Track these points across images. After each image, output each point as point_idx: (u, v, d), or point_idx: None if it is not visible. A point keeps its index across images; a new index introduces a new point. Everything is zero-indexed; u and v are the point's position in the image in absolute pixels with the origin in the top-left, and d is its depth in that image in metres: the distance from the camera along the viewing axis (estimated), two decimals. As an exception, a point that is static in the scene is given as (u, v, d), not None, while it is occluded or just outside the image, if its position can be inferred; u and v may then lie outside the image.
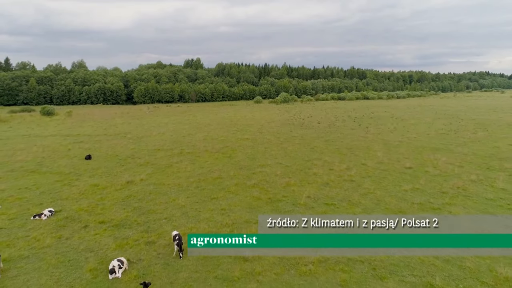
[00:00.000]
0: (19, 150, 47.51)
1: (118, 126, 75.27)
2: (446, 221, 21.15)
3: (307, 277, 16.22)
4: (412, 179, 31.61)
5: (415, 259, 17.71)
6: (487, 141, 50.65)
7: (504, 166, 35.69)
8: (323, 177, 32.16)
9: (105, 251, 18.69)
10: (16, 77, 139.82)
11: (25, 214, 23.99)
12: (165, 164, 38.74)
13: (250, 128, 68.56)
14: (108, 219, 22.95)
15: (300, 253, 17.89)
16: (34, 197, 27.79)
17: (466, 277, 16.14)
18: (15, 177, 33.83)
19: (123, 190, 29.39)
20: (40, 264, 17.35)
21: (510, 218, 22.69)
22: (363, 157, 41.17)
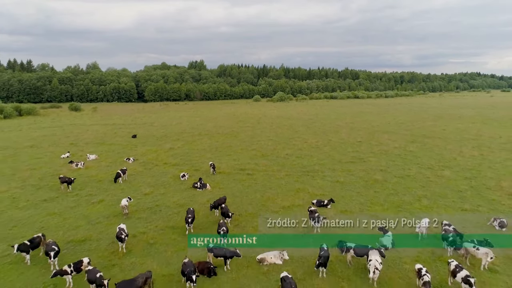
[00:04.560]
0: (77, 133, 63.78)
1: (142, 118, 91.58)
2: (362, 165, 37.85)
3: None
4: (357, 147, 48.09)
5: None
6: (431, 128, 67.09)
7: (424, 141, 52.22)
8: (298, 145, 48.75)
9: (174, 173, 34.99)
10: (40, 78, 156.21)
11: (118, 160, 40.39)
12: (191, 140, 55.19)
13: (250, 120, 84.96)
14: (168, 162, 39.37)
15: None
16: (114, 154, 44.22)
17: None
18: (90, 147, 50.11)
19: (169, 151, 45.84)
20: (145, 176, 33.68)
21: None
22: (331, 136, 57.67)
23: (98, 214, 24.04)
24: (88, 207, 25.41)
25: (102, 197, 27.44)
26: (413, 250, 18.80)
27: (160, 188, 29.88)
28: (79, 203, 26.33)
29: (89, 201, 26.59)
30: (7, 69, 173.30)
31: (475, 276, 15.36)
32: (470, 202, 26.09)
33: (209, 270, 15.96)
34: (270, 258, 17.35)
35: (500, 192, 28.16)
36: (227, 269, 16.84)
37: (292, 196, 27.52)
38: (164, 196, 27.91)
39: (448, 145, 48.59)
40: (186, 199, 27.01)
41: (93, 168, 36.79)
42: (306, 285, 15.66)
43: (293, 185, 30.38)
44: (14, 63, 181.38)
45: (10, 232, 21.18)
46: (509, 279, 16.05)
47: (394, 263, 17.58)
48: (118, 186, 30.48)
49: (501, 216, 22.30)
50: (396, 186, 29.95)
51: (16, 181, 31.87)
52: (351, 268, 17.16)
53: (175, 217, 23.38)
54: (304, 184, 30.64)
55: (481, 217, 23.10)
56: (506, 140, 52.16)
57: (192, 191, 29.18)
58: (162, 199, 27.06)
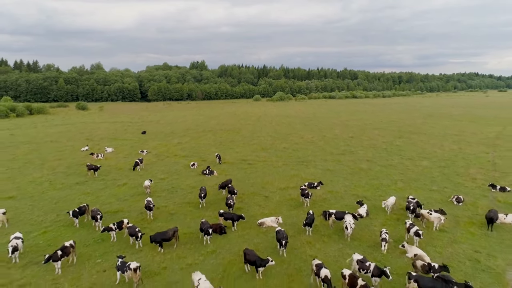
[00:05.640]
0: (90, 130, 68.46)
1: (147, 117, 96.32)
2: (351, 156, 42.58)
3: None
4: (348, 141, 52.76)
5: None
6: (421, 125, 71.76)
7: (411, 136, 56.87)
8: (295, 140, 53.43)
9: (184, 163, 39.61)
10: (46, 78, 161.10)
11: (133, 153, 45.05)
12: (196, 136, 59.87)
13: (251, 118, 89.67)
14: (177, 154, 44.04)
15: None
16: (128, 148, 48.86)
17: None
18: (105, 141, 54.76)
19: (177, 145, 50.51)
20: (159, 165, 38.32)
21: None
22: (326, 132, 62.35)
23: (125, 193, 28.71)
24: (115, 188, 30.08)
25: (125, 181, 32.11)
26: (383, 218, 23.46)
27: (174, 175, 34.56)
28: (106, 185, 31.01)
29: (115, 184, 31.30)
30: (14, 69, 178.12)
31: (429, 235, 20.08)
32: (438, 184, 30.76)
33: (221, 229, 20.60)
34: (268, 222, 21.97)
35: (466, 177, 32.83)
36: (234, 229, 21.48)
37: (287, 180, 32.16)
38: (177, 180, 32.59)
39: (432, 140, 53.28)
40: (197, 182, 31.64)
41: (112, 159, 41.46)
42: (296, 240, 20.25)
43: (289, 172, 35.04)
44: (20, 64, 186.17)
45: (55, 206, 25.85)
46: (453, 236, 20.67)
47: (366, 226, 22.18)
48: (137, 173, 35.13)
49: (460, 194, 26.95)
50: (378, 173, 34.59)
51: (47, 169, 36.57)
52: (332, 229, 21.78)
53: (189, 196, 28.03)
54: (299, 171, 35.29)
55: (445, 195, 27.76)
56: (485, 136, 56.85)
57: (201, 176, 33.83)
58: (176, 182, 31.75)
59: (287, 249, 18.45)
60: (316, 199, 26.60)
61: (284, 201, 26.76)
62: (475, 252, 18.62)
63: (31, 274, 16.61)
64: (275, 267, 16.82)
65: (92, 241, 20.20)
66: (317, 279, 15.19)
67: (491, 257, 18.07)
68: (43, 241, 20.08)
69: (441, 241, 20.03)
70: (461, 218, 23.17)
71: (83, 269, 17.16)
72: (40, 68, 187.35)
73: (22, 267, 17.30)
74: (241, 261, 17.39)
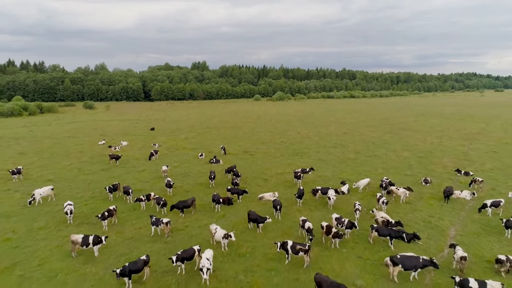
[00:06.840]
0: (102, 127, 73.51)
1: (153, 115, 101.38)
2: (341, 149, 47.66)
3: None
4: (341, 137, 57.81)
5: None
6: (411, 122, 76.76)
7: (399, 132, 61.93)
8: (292, 136, 58.55)
9: (193, 154, 44.64)
10: (53, 78, 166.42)
11: (146, 146, 50.13)
12: (201, 132, 64.96)
13: (251, 116, 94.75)
14: (186, 147, 49.12)
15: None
16: (141, 142, 53.86)
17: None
18: (119, 136, 59.80)
19: (185, 140, 55.59)
20: (170, 156, 43.38)
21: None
22: (321, 129, 67.44)
23: (145, 177, 33.79)
24: (136, 173, 35.17)
25: (144, 168, 37.21)
26: (361, 195, 28.50)
27: (185, 163, 39.65)
28: (128, 171, 36.10)
29: (135, 170, 36.40)
30: (21, 70, 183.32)
31: (396, 205, 25.22)
32: (413, 170, 35.84)
33: (229, 201, 25.62)
34: (267, 196, 27.00)
35: (439, 165, 37.89)
36: (239, 202, 26.53)
37: (284, 167, 37.22)
38: (189, 167, 37.68)
39: (417, 135, 58.38)
40: (206, 169, 36.65)
41: (128, 151, 46.54)
42: (289, 209, 25.25)
43: (285, 161, 40.11)
44: (27, 64, 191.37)
45: (89, 186, 30.93)
46: (415, 206, 25.68)
47: (346, 200, 27.20)
48: (153, 162, 40.20)
49: (429, 177, 31.98)
50: (363, 162, 39.65)
51: (73, 159, 41.66)
52: (318, 202, 26.81)
53: (200, 179, 33.10)
54: (294, 161, 40.36)
55: (416, 179, 32.78)
56: (468, 132, 61.91)
57: (209, 165, 38.88)
58: (188, 169, 36.85)
59: (281, 214, 23.51)
60: (307, 181, 31.62)
61: (280, 182, 31.84)
62: (429, 217, 23.68)
63: (84, 231, 21.61)
64: (271, 224, 21.90)
65: (126, 210, 25.26)
66: (303, 230, 20.23)
67: (440, 220, 23.13)
68: (87, 210, 25.17)
69: (404, 209, 25.08)
70: (425, 194, 28.24)
71: (123, 227, 22.24)
72: (46, 68, 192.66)
73: (76, 225, 22.37)
74: (245, 222, 22.42)
